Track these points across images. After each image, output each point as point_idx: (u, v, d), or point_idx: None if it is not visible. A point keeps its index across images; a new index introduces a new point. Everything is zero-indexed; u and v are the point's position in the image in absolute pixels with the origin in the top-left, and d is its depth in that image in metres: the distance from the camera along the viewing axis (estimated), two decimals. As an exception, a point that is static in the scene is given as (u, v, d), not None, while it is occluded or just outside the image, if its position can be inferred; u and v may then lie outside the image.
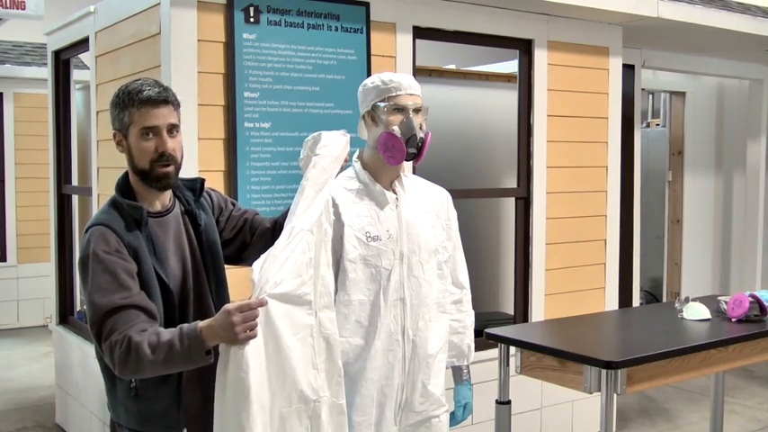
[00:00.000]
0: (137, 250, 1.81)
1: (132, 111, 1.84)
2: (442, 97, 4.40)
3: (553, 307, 4.01)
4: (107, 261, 1.76)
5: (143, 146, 1.85)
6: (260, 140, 3.13)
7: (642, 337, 2.82)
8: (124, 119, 1.86)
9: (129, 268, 1.78)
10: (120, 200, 1.87)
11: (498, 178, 4.66)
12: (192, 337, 1.72)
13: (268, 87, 3.15)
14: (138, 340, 1.71)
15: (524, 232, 3.99)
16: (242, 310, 1.74)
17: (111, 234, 1.79)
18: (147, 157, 1.85)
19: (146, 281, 1.81)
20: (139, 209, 1.86)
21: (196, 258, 1.96)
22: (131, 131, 1.86)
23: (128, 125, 1.86)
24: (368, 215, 2.18)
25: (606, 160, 4.23)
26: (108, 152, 3.70)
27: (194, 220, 1.99)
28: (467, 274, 2.43)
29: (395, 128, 2.16)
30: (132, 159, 1.88)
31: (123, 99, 1.85)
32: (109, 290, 1.75)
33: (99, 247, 1.77)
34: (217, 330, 1.74)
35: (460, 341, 2.40)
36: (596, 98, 4.18)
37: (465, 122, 4.57)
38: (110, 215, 1.85)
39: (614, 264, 4.28)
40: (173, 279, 1.88)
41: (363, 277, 2.16)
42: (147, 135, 1.85)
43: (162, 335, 1.73)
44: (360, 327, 2.17)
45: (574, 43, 4.05)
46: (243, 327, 1.74)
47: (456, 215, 2.39)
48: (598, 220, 4.22)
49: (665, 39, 4.81)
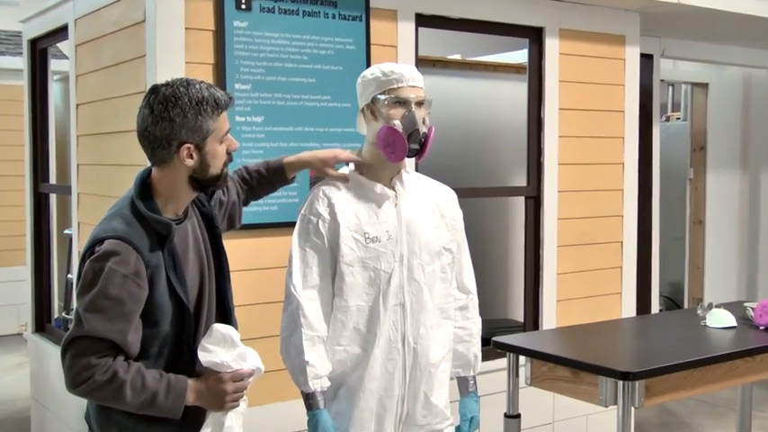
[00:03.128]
0: (155, 270, 1.82)
1: (215, 116, 1.85)
2: (447, 90, 4.42)
3: (565, 314, 4.02)
4: (120, 286, 1.76)
5: (220, 150, 1.88)
6: (252, 135, 3.15)
7: (662, 347, 2.84)
8: (209, 127, 1.84)
9: (139, 297, 1.79)
10: (146, 212, 1.84)
11: (507, 176, 4.68)
12: (178, 394, 1.81)
13: (261, 79, 3.17)
14: (124, 378, 1.76)
15: (534, 234, 4.00)
16: (235, 380, 1.85)
17: (133, 253, 1.78)
18: (221, 160, 1.89)
19: (157, 303, 1.83)
20: (168, 225, 1.84)
21: (211, 267, 1.99)
22: (210, 139, 1.86)
23: (210, 132, 1.85)
24: (366, 214, 2.20)
25: (622, 157, 4.25)
26: (89, 148, 3.72)
27: (210, 222, 2.02)
28: (473, 279, 2.44)
29: (396, 122, 2.17)
30: (206, 167, 1.87)
31: (207, 106, 1.83)
32: (108, 317, 1.76)
33: (118, 267, 1.76)
34: (205, 395, 1.84)
35: (466, 350, 2.41)
36: (612, 90, 4.19)
37: (471, 116, 4.59)
38: (133, 229, 1.82)
39: (631, 267, 4.30)
40: (191, 291, 1.90)
41: (362, 281, 2.17)
42: (224, 139, 1.89)
43: (147, 380, 1.79)
44: (358, 334, 2.18)
45: (587, 31, 4.07)
46: (233, 397, 1.85)
47: (462, 215, 2.40)
48: (614, 220, 4.23)
49: (687, 26, 4.83)
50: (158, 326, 1.85)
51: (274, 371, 2.30)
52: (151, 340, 1.84)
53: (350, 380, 2.19)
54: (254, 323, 2.76)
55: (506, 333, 3.39)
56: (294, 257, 2.19)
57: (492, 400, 3.34)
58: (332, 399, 2.21)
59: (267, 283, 3.12)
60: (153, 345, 1.85)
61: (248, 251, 3.08)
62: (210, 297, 1.98)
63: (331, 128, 3.33)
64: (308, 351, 2.13)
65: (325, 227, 2.17)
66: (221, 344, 1.88)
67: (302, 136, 3.27)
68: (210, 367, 1.87)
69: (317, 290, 2.16)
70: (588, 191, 4.13)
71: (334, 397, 2.21)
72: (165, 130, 1.82)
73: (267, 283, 3.12)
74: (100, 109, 3.58)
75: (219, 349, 1.87)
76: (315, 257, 2.17)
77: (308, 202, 2.23)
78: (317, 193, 2.22)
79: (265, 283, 3.12)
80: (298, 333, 2.13)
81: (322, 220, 2.18)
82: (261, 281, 3.13)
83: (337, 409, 2.21)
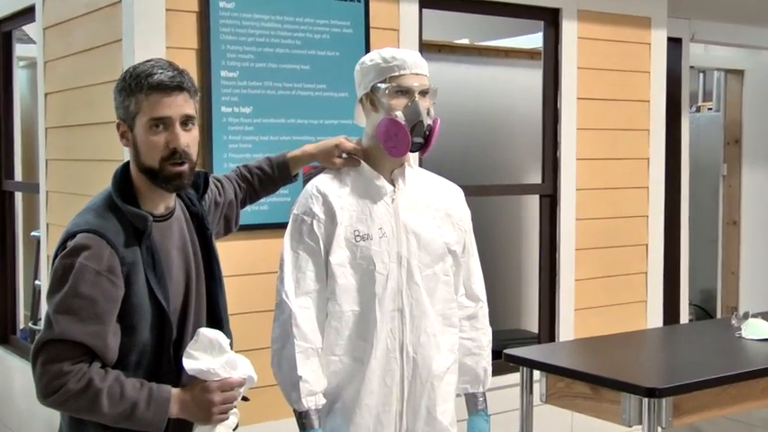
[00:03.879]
0: (131, 268, 1.82)
1: (140, 97, 1.83)
2: (454, 77, 4.43)
3: (585, 324, 4.04)
4: (92, 283, 1.77)
5: (152, 140, 1.84)
6: (239, 128, 3.17)
7: (692, 360, 2.85)
8: (130, 107, 1.85)
9: (114, 295, 1.80)
10: (122, 204, 1.85)
11: (519, 172, 4.69)
12: (160, 405, 1.80)
13: (249, 66, 3.18)
14: (100, 387, 1.77)
15: (550, 236, 4.02)
16: (224, 390, 1.84)
17: (107, 248, 1.79)
18: (157, 153, 1.84)
19: (134, 305, 1.83)
20: (144, 218, 1.85)
21: (200, 271, 1.99)
22: (138, 122, 1.85)
23: (134, 114, 1.85)
24: (358, 209, 2.21)
25: (648, 151, 4.27)
26: (59, 142, 3.74)
27: (200, 223, 2.02)
28: (483, 285, 2.45)
29: (398, 113, 2.18)
30: (138, 155, 1.87)
31: (129, 83, 1.85)
32: (80, 317, 1.77)
33: (89, 263, 1.77)
34: (190, 406, 1.83)
35: (475, 364, 2.41)
36: (636, 78, 4.21)
37: (480, 107, 4.61)
38: (107, 221, 1.82)
39: (658, 273, 4.32)
40: (174, 298, 1.91)
41: (355, 283, 2.19)
42: (157, 127, 1.84)
43: (126, 390, 1.79)
44: (353, 343, 2.20)
45: (609, 13, 4.09)
46: (221, 408, 1.84)
47: (470, 215, 2.41)
48: (638, 221, 4.25)
49: (719, 7, 4.84)
50: (136, 332, 1.85)
51: (265, 386, 2.31)
52: (129, 348, 1.85)
53: (346, 393, 2.21)
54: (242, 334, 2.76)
55: (519, 345, 3.40)
56: (286, 261, 2.20)
57: (503, 419, 3.36)
58: (327, 414, 2.22)
59: (257, 290, 3.13)
60: (131, 353, 1.85)
61: (237, 255, 3.10)
62: (199, 303, 1.99)
63: (326, 120, 3.34)
64: (302, 365, 2.14)
65: (321, 227, 2.19)
66: (208, 350, 1.87)
67: (295, 129, 3.29)
68: (196, 376, 1.86)
69: (311, 297, 2.17)
70: (609, 189, 4.15)
71: (329, 412, 2.22)
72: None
73: (257, 289, 3.13)
74: (71, 98, 3.60)
75: (206, 356, 1.86)
76: (309, 261, 2.18)
77: (301, 201, 2.24)
78: (310, 190, 2.23)
79: (255, 290, 3.14)
80: (290, 345, 2.14)
81: (317, 219, 2.19)
82: (250, 287, 3.15)
83: (332, 425, 2.22)
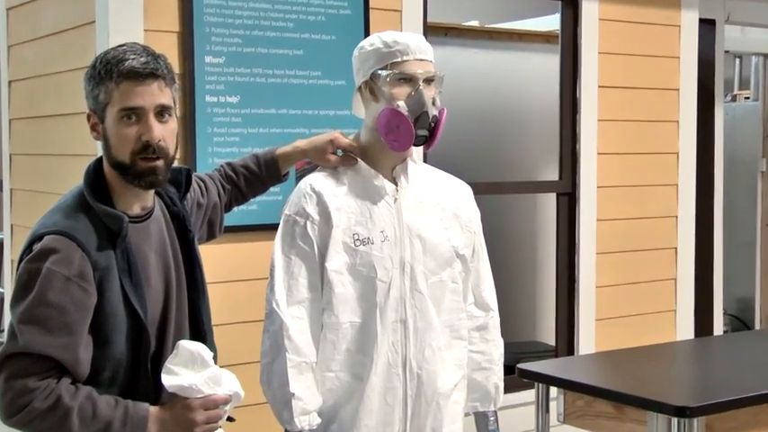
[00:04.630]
0: (104, 273, 1.83)
1: (110, 86, 1.84)
2: (462, 63, 4.44)
3: (607, 336, 4.05)
4: (61, 290, 1.77)
5: (123, 132, 1.84)
6: (226, 119, 3.18)
7: (727, 376, 2.86)
8: (100, 96, 1.86)
9: (85, 303, 1.80)
10: (94, 203, 1.86)
11: (534, 168, 4.70)
12: (137, 425, 1.81)
13: (236, 51, 3.19)
14: (70, 405, 1.77)
15: (569, 238, 4.03)
16: (207, 408, 1.85)
17: (77, 251, 1.80)
18: (128, 146, 1.85)
19: (107, 314, 1.84)
20: (119, 219, 1.86)
21: (181, 277, 2.00)
22: (108, 113, 1.86)
23: (104, 105, 1.86)
24: (357, 211, 2.22)
25: (677, 145, 4.27)
26: (25, 134, 3.75)
27: (182, 224, 2.03)
28: (494, 293, 2.46)
29: (400, 103, 2.19)
30: (109, 149, 1.88)
31: (99, 71, 1.85)
32: (47, 328, 1.77)
33: (57, 268, 1.77)
34: (170, 426, 1.85)
35: (485, 380, 2.43)
36: (664, 64, 4.22)
37: (491, 96, 4.62)
38: (77, 222, 1.83)
39: (688, 279, 4.33)
40: (152, 306, 1.91)
41: (354, 292, 2.20)
42: (129, 119, 1.85)
43: (99, 408, 1.80)
44: (351, 357, 2.21)
45: (634, -9, 4.10)
46: (204, 428, 1.86)
47: (479, 215, 2.42)
48: (666, 222, 4.26)
49: (756, -16, 4.84)
50: (110, 344, 1.85)
51: (253, 405, 2.33)
52: (102, 362, 1.85)
53: (343, 413, 2.22)
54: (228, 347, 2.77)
55: (534, 359, 3.41)
56: (276, 267, 2.21)
57: (517, 440, 3.37)
58: (322, 436, 2.24)
59: (244, 299, 3.15)
60: (105, 368, 1.86)
61: (222, 260, 3.10)
62: (180, 313, 2.00)
63: (322, 110, 3.36)
64: (294, 381, 2.15)
65: (315, 230, 2.20)
66: (189, 364, 1.88)
67: (287, 120, 3.30)
68: (177, 393, 1.87)
69: (304, 306, 2.18)
70: (634, 186, 4.15)
71: (324, 433, 2.24)
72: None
73: (244, 298, 3.15)
74: (38, 87, 3.61)
75: (187, 371, 1.87)
76: (302, 267, 2.19)
77: (293, 200, 2.25)
78: (303, 189, 2.24)
79: (242, 299, 3.15)
80: (281, 359, 2.16)
81: (310, 221, 2.20)
82: (237, 296, 3.16)
83: (328, 447, 2.24)
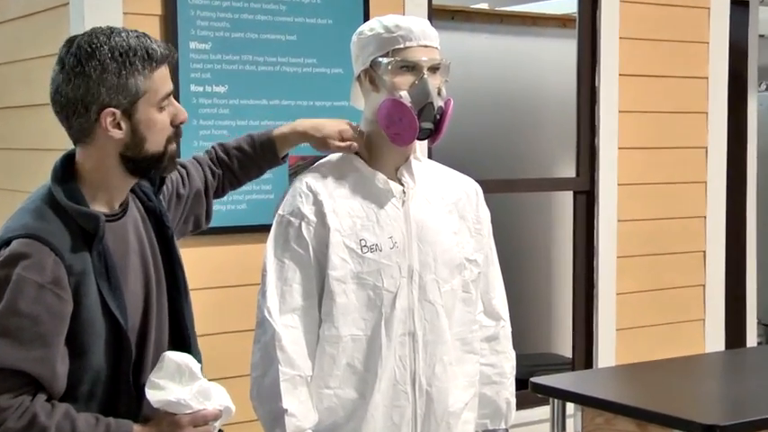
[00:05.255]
0: (80, 278, 1.83)
1: (147, 72, 1.85)
2: (470, 50, 4.44)
3: (628, 347, 4.05)
4: (34, 298, 1.77)
5: (161, 120, 1.87)
6: (212, 111, 3.18)
7: (760, 391, 2.87)
8: (138, 86, 1.85)
9: (61, 312, 1.80)
10: (66, 202, 1.86)
11: (549, 164, 4.70)
12: None
13: (224, 36, 3.19)
14: (46, 425, 1.77)
15: (587, 240, 4.03)
16: (197, 425, 1.86)
17: (50, 255, 1.79)
18: (165, 134, 1.88)
19: (85, 322, 1.83)
20: (95, 218, 1.85)
21: (161, 279, 2.01)
22: (142, 104, 1.86)
23: (136, 96, 1.86)
24: (363, 215, 2.22)
25: (705, 138, 4.27)
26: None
27: (159, 221, 2.03)
28: (505, 300, 2.47)
29: (402, 93, 2.19)
30: (141, 144, 1.88)
31: (134, 57, 1.84)
32: (20, 341, 1.77)
33: (29, 274, 1.77)
34: None
35: (496, 395, 2.43)
36: (691, 49, 4.22)
37: (502, 85, 4.62)
38: (49, 223, 1.82)
39: (718, 285, 4.32)
40: (132, 312, 1.91)
41: (357, 303, 2.20)
42: (166, 105, 1.88)
43: (78, 427, 1.80)
44: (353, 373, 2.21)
45: (658, -29, 4.10)
46: None
47: (489, 216, 2.43)
48: (694, 223, 4.26)
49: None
50: (88, 355, 1.85)
51: (243, 422, 2.33)
52: (80, 375, 1.85)
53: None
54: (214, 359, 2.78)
55: (549, 372, 3.41)
56: (269, 272, 2.21)
57: (531, 461, 3.38)
58: (319, 459, 2.24)
59: (233, 307, 3.15)
60: (82, 382, 1.86)
61: (209, 264, 3.11)
62: (160, 319, 2.00)
63: (317, 101, 3.36)
64: (287, 396, 2.15)
65: (311, 231, 2.20)
66: (176, 377, 1.88)
67: (279, 111, 3.30)
68: (163, 408, 1.87)
69: (298, 314, 2.18)
70: (659, 184, 4.15)
71: (321, 456, 2.25)
72: (79, 90, 1.84)
73: (233, 306, 3.15)
74: (6, 75, 3.61)
75: (174, 384, 1.87)
76: (296, 272, 2.19)
77: (287, 199, 2.25)
78: (298, 187, 2.24)
79: (230, 307, 3.16)
80: (273, 372, 2.16)
81: (306, 222, 2.20)
82: (225, 303, 3.17)
83: (325, 471, 2.24)
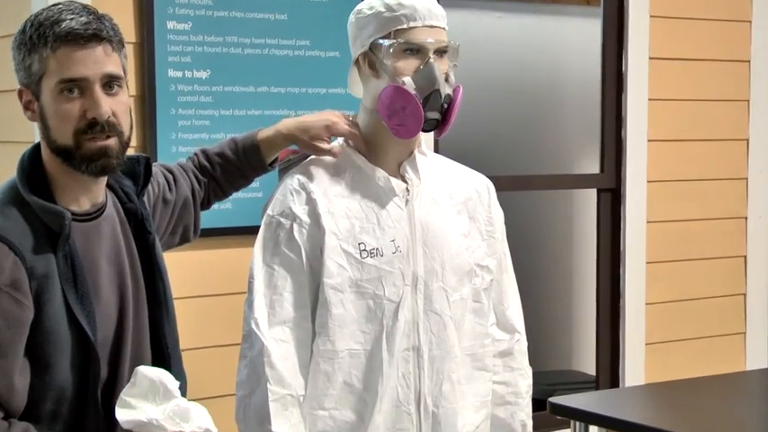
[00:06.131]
0: (43, 282, 1.83)
1: (44, 53, 1.84)
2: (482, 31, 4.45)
3: (659, 363, 4.06)
4: None
5: (63, 109, 1.85)
6: (193, 99, 3.19)
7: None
8: (33, 67, 1.86)
9: (19, 319, 1.80)
10: (30, 197, 1.87)
11: (570, 159, 4.71)
12: None
13: (206, 15, 3.21)
14: None
15: (612, 244, 4.04)
16: None
17: (9, 255, 1.80)
18: (71, 126, 1.85)
19: (47, 332, 1.84)
20: (60, 216, 1.86)
21: (139, 289, 2.02)
22: (45, 86, 1.86)
23: (39, 77, 1.86)
24: (362, 216, 2.23)
25: (747, 129, 4.28)
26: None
27: (140, 225, 2.04)
28: (520, 311, 2.48)
29: (406, 80, 2.19)
30: (48, 131, 1.88)
31: (30, 35, 1.85)
32: None
33: None
34: None
35: (510, 416, 2.44)
36: (732, 29, 4.22)
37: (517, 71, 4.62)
38: (9, 220, 1.84)
39: (761, 295, 4.33)
40: (103, 324, 1.92)
41: (355, 314, 2.21)
42: (70, 92, 1.84)
43: None
44: (350, 392, 2.22)
45: (693, -59, 4.11)
46: None
47: (502, 216, 2.44)
48: (733, 224, 4.27)
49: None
50: (52, 369, 1.86)
51: (228, 446, 2.35)
52: (42, 392, 1.86)
53: (341, 458, 2.24)
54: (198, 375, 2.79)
55: (570, 392, 3.42)
56: (256, 279, 2.22)
57: (549, 491, 3.39)
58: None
59: (216, 318, 3.17)
60: (45, 399, 1.87)
61: (190, 270, 3.12)
62: (138, 333, 2.01)
63: (310, 88, 3.37)
64: (276, 417, 2.16)
65: (303, 234, 2.20)
66: (150, 395, 1.88)
67: (267, 100, 3.31)
68: (134, 430, 1.88)
69: (289, 327, 2.19)
70: (693, 180, 4.16)
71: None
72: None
73: (216, 317, 3.17)
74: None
75: (146, 403, 1.88)
76: (287, 279, 2.20)
77: (277, 198, 2.25)
78: (289, 184, 2.25)
79: (214, 318, 3.18)
80: (261, 390, 2.16)
81: (298, 223, 2.21)
82: (207, 314, 3.18)
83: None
